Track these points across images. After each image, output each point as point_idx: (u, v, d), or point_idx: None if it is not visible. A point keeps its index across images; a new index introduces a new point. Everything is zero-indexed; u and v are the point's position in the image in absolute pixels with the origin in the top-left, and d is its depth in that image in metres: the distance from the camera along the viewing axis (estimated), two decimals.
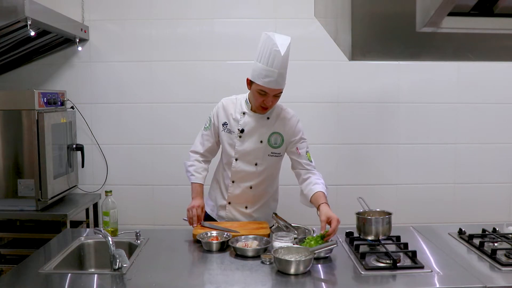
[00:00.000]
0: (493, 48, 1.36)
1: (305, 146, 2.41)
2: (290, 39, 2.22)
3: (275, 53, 2.14)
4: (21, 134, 2.87)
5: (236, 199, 2.43)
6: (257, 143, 2.35)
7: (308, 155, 2.41)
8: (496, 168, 3.53)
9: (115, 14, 3.41)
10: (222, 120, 2.40)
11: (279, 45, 2.14)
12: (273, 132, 2.36)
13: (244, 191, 2.40)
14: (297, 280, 1.75)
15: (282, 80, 2.21)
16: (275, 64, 2.15)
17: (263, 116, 2.36)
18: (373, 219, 2.09)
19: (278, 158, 2.41)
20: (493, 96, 3.48)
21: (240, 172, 2.38)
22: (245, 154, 2.36)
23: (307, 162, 2.39)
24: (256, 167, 2.36)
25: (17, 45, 3.03)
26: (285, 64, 2.18)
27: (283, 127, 2.38)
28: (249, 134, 2.35)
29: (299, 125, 2.42)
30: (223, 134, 2.40)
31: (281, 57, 2.14)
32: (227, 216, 2.46)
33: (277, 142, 2.37)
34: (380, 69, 3.43)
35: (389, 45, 1.31)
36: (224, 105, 2.42)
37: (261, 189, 2.42)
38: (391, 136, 3.49)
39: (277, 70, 2.16)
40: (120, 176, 3.49)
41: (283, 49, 2.15)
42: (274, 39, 2.17)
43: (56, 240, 2.32)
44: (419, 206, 3.50)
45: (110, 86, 3.44)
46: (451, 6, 1.01)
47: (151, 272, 1.84)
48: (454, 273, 1.81)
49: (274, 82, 2.18)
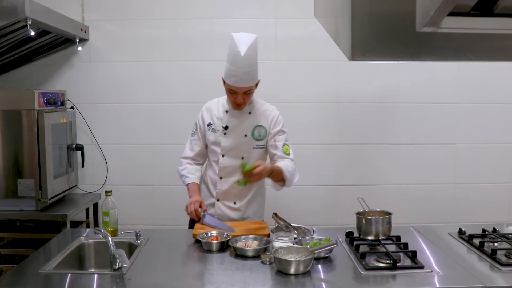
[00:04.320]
0: (493, 48, 1.36)
1: (283, 139, 2.47)
2: (256, 37, 2.30)
3: (236, 53, 2.24)
4: (21, 134, 2.87)
5: (224, 195, 2.48)
6: (242, 137, 2.43)
7: (286, 148, 2.46)
8: (496, 168, 3.53)
9: (115, 14, 3.41)
10: (207, 121, 2.49)
11: (239, 45, 2.23)
12: (256, 125, 2.45)
13: (232, 186, 2.45)
14: (297, 280, 1.75)
15: (248, 78, 2.28)
16: (238, 64, 2.24)
17: (245, 112, 2.44)
18: (373, 219, 2.09)
19: (264, 150, 2.49)
20: (493, 96, 3.48)
21: (228, 167, 2.44)
22: (231, 149, 2.43)
23: (283, 155, 2.43)
24: (243, 160, 2.42)
25: (17, 45, 3.03)
26: (248, 63, 2.25)
27: (265, 120, 2.46)
28: (233, 130, 2.43)
29: (280, 118, 2.49)
30: (209, 134, 2.48)
31: (241, 57, 2.22)
32: (216, 213, 2.50)
33: (261, 135, 2.45)
34: (380, 69, 3.43)
35: (389, 45, 1.31)
36: (207, 107, 2.53)
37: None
38: (391, 136, 3.49)
39: (240, 69, 2.24)
40: (120, 176, 3.49)
41: (243, 50, 2.22)
42: (235, 40, 2.26)
43: (56, 240, 2.32)
44: (419, 206, 3.50)
45: (110, 86, 3.45)
46: (451, 6, 1.01)
47: (151, 272, 1.84)
48: (454, 273, 1.81)
49: (239, 81, 2.27)
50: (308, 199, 3.49)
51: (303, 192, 3.47)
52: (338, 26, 1.48)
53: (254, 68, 2.29)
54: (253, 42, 2.26)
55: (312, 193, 3.49)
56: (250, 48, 2.24)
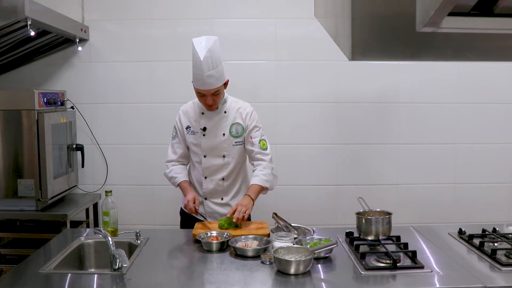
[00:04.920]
0: (493, 48, 1.36)
1: (259, 134, 2.54)
2: (215, 39, 2.34)
3: (196, 58, 2.30)
4: (21, 134, 2.87)
5: (211, 193, 2.55)
6: (220, 137, 2.49)
7: (262, 143, 2.53)
8: (496, 168, 3.53)
9: (115, 14, 3.41)
10: (185, 124, 2.56)
11: (198, 51, 2.29)
12: (233, 123, 2.51)
13: (217, 183, 2.53)
14: (297, 280, 1.75)
15: (211, 81, 2.33)
16: (200, 68, 2.30)
17: (220, 111, 2.50)
18: (373, 219, 2.09)
19: (243, 146, 2.55)
20: (493, 96, 3.48)
21: (210, 167, 2.51)
22: (212, 149, 2.50)
23: (259, 150, 2.52)
24: (224, 158, 2.50)
25: (17, 45, 3.03)
26: (209, 66, 2.29)
27: (241, 116, 2.52)
28: (211, 130, 2.50)
29: (254, 114, 2.55)
30: (188, 137, 2.55)
31: (201, 62, 2.28)
32: (206, 211, 2.54)
33: (238, 132, 2.51)
34: (380, 69, 3.43)
35: (389, 45, 1.31)
36: (183, 111, 2.59)
37: (232, 178, 2.55)
38: (391, 136, 3.49)
39: (204, 73, 2.30)
40: (120, 176, 3.49)
41: (202, 54, 2.28)
42: (194, 46, 2.31)
43: (56, 240, 2.32)
44: (419, 206, 3.50)
45: (110, 86, 3.45)
46: (451, 6, 1.01)
47: (151, 272, 1.84)
48: (454, 273, 1.81)
49: (204, 84, 2.33)
50: (308, 199, 3.49)
51: (303, 192, 3.47)
52: (338, 26, 1.48)
53: (217, 70, 2.33)
54: (212, 45, 2.30)
55: (312, 193, 3.49)
56: (210, 51, 2.29)
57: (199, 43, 2.31)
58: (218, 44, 2.36)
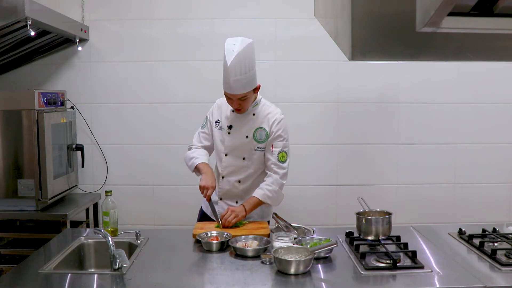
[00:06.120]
0: (493, 48, 1.36)
1: (281, 145, 2.43)
2: (249, 43, 2.25)
3: (225, 63, 2.24)
4: (21, 134, 2.87)
5: (226, 194, 2.52)
6: (243, 138, 2.44)
7: (282, 155, 2.43)
8: (496, 168, 3.53)
9: (115, 14, 3.41)
10: (215, 118, 2.53)
11: (227, 55, 2.22)
12: (258, 128, 2.45)
13: (233, 185, 2.49)
14: (297, 280, 1.75)
15: (238, 86, 2.26)
16: (228, 73, 2.24)
17: (249, 113, 2.46)
18: (373, 219, 2.09)
19: (264, 152, 2.47)
20: (493, 96, 3.48)
21: (229, 166, 2.48)
22: (233, 149, 2.46)
23: (275, 161, 2.42)
24: (244, 161, 2.46)
25: (17, 45, 3.03)
26: (236, 71, 2.22)
27: (268, 123, 2.45)
28: (236, 130, 2.46)
29: (282, 123, 2.45)
30: (215, 131, 2.52)
31: (228, 67, 2.21)
32: (219, 212, 2.50)
33: (262, 137, 2.44)
34: (380, 69, 3.43)
35: (389, 45, 1.31)
36: (219, 104, 2.56)
37: (249, 183, 2.49)
38: (391, 136, 3.49)
39: (231, 78, 2.24)
40: (120, 176, 3.49)
41: (230, 59, 2.21)
42: (225, 49, 2.24)
43: (56, 240, 2.32)
44: (419, 206, 3.50)
45: (110, 86, 3.45)
46: (451, 6, 1.01)
47: (151, 272, 1.84)
48: (454, 273, 1.81)
49: (230, 88, 2.28)
50: (308, 199, 3.49)
51: (303, 192, 3.47)
52: (338, 26, 1.48)
53: (246, 75, 2.25)
54: (244, 49, 2.22)
55: (312, 193, 3.49)
56: (240, 55, 2.20)
57: (232, 45, 2.24)
58: (252, 48, 2.28)
